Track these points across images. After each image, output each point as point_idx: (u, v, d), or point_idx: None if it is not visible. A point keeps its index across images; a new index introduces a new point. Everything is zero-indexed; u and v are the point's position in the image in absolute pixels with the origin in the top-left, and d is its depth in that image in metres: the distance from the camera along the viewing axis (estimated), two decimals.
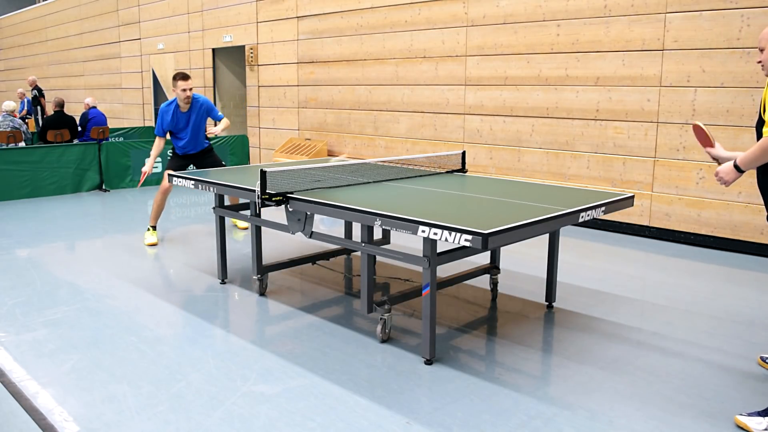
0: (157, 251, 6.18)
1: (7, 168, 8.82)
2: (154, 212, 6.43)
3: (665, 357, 3.73)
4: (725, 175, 3.00)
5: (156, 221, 6.48)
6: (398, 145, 9.24)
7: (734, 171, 2.97)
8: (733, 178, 3.00)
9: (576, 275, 5.31)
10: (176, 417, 3.02)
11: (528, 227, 3.25)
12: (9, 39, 23.38)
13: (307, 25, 10.50)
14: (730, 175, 2.99)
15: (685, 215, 6.46)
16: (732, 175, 2.99)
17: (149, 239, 6.37)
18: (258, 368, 3.54)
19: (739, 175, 2.98)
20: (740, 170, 2.95)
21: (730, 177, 3.00)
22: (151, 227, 6.45)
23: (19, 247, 6.26)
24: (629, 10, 6.63)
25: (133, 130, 14.01)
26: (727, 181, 3.02)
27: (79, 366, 3.58)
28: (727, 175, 3.00)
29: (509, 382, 3.39)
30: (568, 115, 7.24)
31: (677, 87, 6.37)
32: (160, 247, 6.30)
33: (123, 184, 9.98)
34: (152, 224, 6.46)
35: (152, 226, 6.45)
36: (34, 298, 4.73)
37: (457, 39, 8.25)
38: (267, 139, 11.77)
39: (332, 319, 4.31)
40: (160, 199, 6.37)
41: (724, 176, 3.01)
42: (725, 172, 3.00)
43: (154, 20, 14.63)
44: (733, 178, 3.00)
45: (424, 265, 3.48)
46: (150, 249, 6.26)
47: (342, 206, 3.67)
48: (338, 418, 3.01)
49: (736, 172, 2.97)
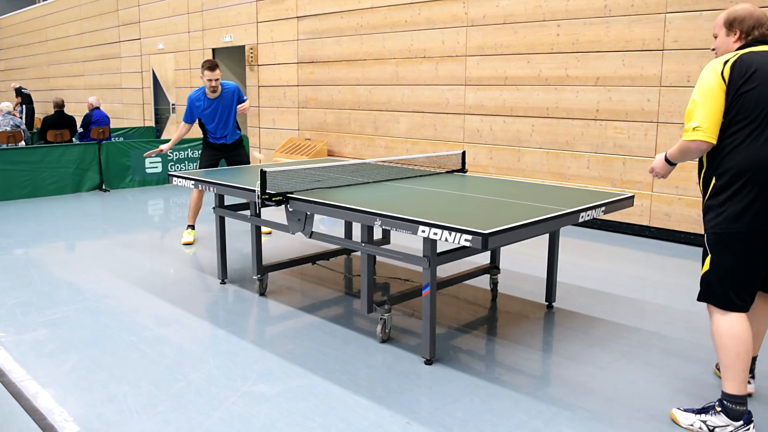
0: (157, 251, 6.18)
1: (7, 168, 8.82)
2: (190, 211, 6.53)
3: (665, 357, 3.72)
4: (656, 166, 3.05)
5: (194, 220, 6.56)
6: (398, 145, 9.24)
7: (665, 163, 3.02)
8: (664, 170, 3.04)
9: (576, 275, 5.32)
10: (176, 417, 3.02)
11: (528, 227, 3.25)
12: (9, 39, 23.38)
13: (307, 25, 10.50)
14: (660, 165, 3.04)
15: (685, 215, 6.46)
16: (662, 167, 3.03)
17: (185, 238, 6.47)
18: (258, 368, 3.54)
19: (670, 168, 3.02)
20: (671, 163, 2.99)
21: (660, 168, 3.04)
22: (189, 226, 6.54)
23: (19, 247, 6.26)
24: (629, 10, 6.63)
25: (133, 130, 14.02)
26: (659, 173, 3.06)
27: (79, 366, 3.58)
28: (658, 166, 3.05)
29: (509, 382, 3.39)
30: (568, 115, 7.24)
31: (677, 87, 6.37)
32: (160, 247, 6.31)
33: (123, 184, 9.98)
34: (190, 223, 6.55)
35: (190, 225, 6.55)
36: (34, 298, 4.73)
37: (457, 39, 8.25)
38: (267, 139, 11.77)
39: (332, 319, 4.31)
40: (197, 197, 6.45)
41: (656, 167, 3.06)
42: (658, 165, 3.05)
43: (154, 20, 14.63)
44: (664, 169, 3.03)
45: (424, 265, 3.48)
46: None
47: (342, 206, 3.67)
48: (338, 418, 3.01)
49: (667, 165, 3.01)
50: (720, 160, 2.76)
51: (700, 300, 2.91)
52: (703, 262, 2.88)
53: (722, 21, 2.93)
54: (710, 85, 2.73)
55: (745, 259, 2.76)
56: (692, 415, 2.90)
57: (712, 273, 2.83)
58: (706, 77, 2.77)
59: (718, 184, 2.77)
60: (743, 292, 2.80)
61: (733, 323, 2.78)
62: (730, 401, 2.78)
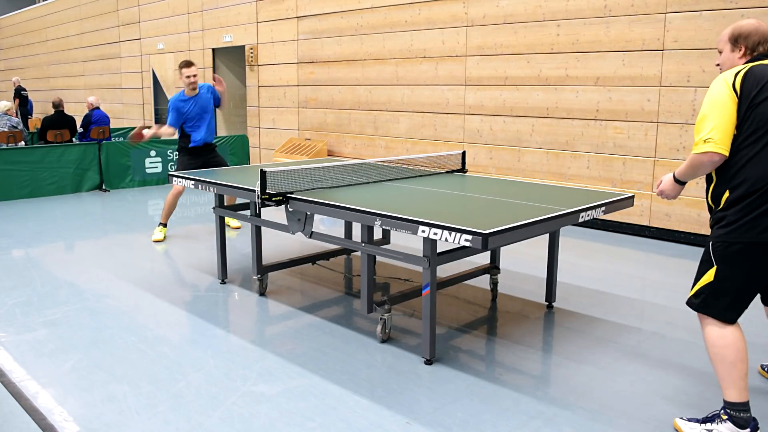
0: (157, 251, 6.18)
1: (7, 168, 8.82)
2: (164, 210, 6.60)
3: (665, 357, 3.72)
4: (665, 188, 2.96)
5: (166, 219, 6.63)
6: (398, 145, 9.24)
7: (674, 183, 2.93)
8: (674, 191, 2.95)
9: (576, 275, 5.31)
10: (176, 417, 3.02)
11: (528, 227, 3.25)
12: (9, 39, 23.38)
13: (307, 25, 10.50)
14: (669, 187, 2.94)
15: (685, 215, 6.46)
16: (672, 188, 2.94)
17: (155, 235, 6.52)
18: (258, 368, 3.54)
19: (680, 188, 2.93)
20: (680, 182, 2.91)
21: (670, 190, 2.95)
22: (161, 224, 6.61)
23: (19, 247, 6.26)
24: (629, 10, 6.63)
25: (133, 130, 14.00)
26: (669, 194, 2.96)
27: (79, 366, 3.58)
28: (667, 188, 2.95)
29: (509, 382, 3.39)
30: (568, 115, 7.24)
31: (677, 87, 6.37)
32: (160, 247, 6.30)
33: (123, 184, 9.98)
34: (162, 221, 6.62)
35: (162, 223, 6.62)
36: (34, 298, 4.73)
37: (457, 39, 8.25)
38: (267, 139, 11.77)
39: (332, 319, 4.31)
40: (171, 199, 6.52)
41: (665, 189, 2.96)
42: (667, 187, 2.95)
43: (154, 20, 14.63)
44: (674, 190, 2.94)
45: (424, 265, 3.48)
46: (157, 246, 6.32)
47: (342, 206, 3.67)
48: (338, 418, 3.01)
49: (677, 185, 2.93)
50: (734, 173, 2.68)
51: (696, 310, 2.84)
52: (703, 273, 2.80)
53: (727, 36, 2.88)
54: (721, 97, 2.67)
55: (751, 272, 2.71)
56: (697, 425, 2.85)
57: (716, 285, 2.75)
58: (716, 90, 2.70)
59: (732, 197, 2.69)
60: (742, 306, 2.77)
61: (726, 333, 2.75)
62: (732, 409, 2.75)
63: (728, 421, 2.77)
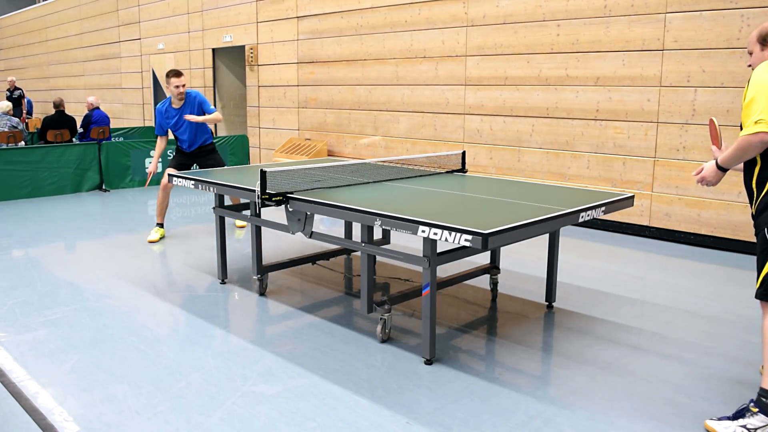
0: (158, 251, 6.18)
1: (7, 168, 8.82)
2: (158, 209, 6.59)
3: (665, 357, 3.72)
4: (708, 175, 2.97)
5: (162, 218, 6.62)
6: (398, 145, 9.24)
7: (716, 170, 2.94)
8: (716, 178, 2.96)
9: (576, 275, 5.31)
10: (176, 417, 3.02)
11: (528, 227, 3.25)
12: (9, 39, 23.38)
13: (307, 25, 10.50)
14: (712, 174, 2.96)
15: (685, 215, 6.46)
16: (714, 175, 2.96)
17: (151, 236, 6.51)
18: (258, 368, 3.54)
19: (722, 175, 2.95)
20: (722, 169, 2.92)
21: (712, 176, 2.97)
22: (158, 224, 6.61)
23: (19, 247, 6.26)
24: (629, 10, 6.63)
25: (133, 130, 14.00)
26: (710, 181, 2.98)
27: (79, 366, 3.58)
28: (709, 175, 2.97)
29: (509, 382, 3.39)
30: (568, 115, 7.24)
31: (677, 87, 6.37)
32: (160, 247, 6.30)
33: (123, 184, 9.98)
34: (158, 222, 6.62)
35: (158, 223, 6.62)
36: (34, 298, 4.73)
37: (457, 39, 8.25)
38: (267, 139, 11.77)
39: (332, 319, 4.31)
40: (162, 196, 6.53)
41: (707, 176, 2.98)
42: (708, 172, 2.96)
43: (154, 20, 14.63)
44: (715, 177, 2.96)
45: (424, 265, 3.48)
46: (153, 246, 6.30)
47: (342, 206, 3.67)
48: (338, 418, 3.01)
49: (719, 172, 2.94)
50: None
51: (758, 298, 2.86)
52: (764, 262, 2.82)
53: (756, 37, 2.96)
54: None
55: None
56: (730, 422, 2.86)
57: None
58: (764, 74, 2.75)
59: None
60: None
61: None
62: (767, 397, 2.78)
63: (760, 413, 2.80)
